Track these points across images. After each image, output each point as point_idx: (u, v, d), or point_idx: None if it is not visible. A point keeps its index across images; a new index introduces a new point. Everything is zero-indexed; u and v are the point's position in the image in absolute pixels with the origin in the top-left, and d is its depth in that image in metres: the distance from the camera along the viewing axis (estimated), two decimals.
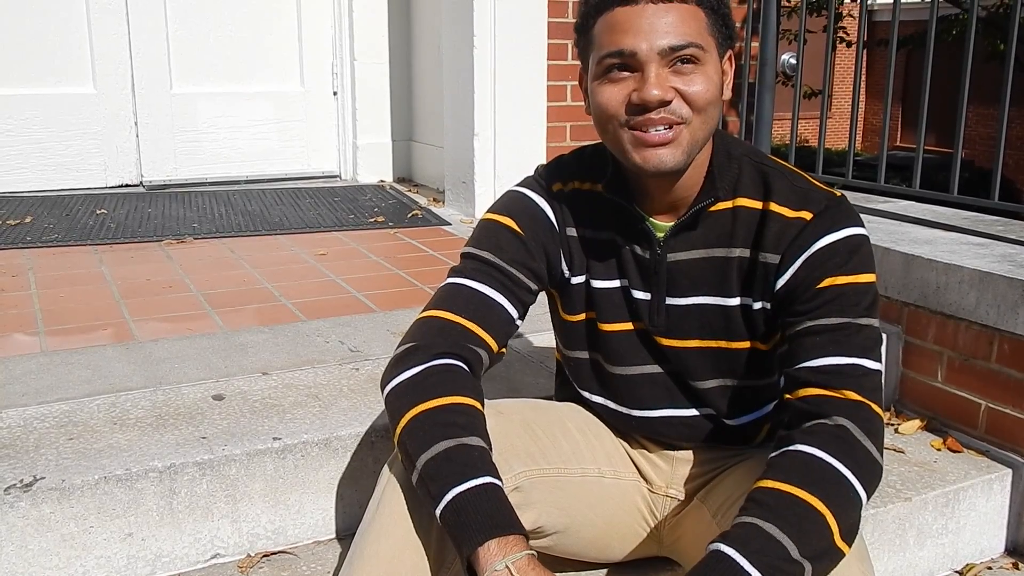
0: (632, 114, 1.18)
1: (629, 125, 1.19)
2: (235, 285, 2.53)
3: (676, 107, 1.17)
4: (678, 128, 1.18)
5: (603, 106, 1.21)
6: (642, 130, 1.18)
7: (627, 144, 1.21)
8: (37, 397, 1.70)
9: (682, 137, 1.19)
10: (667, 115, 1.17)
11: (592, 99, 1.24)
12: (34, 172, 3.78)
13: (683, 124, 1.18)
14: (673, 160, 1.20)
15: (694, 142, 1.21)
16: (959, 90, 2.38)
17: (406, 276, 2.67)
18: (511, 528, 1.09)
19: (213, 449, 1.52)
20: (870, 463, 1.15)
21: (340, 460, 1.61)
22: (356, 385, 1.80)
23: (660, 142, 1.18)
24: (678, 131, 1.18)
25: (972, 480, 1.82)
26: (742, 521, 1.08)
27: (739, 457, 1.38)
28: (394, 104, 4.31)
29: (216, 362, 1.90)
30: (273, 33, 4.16)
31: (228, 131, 4.12)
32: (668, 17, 1.16)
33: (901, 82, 15.80)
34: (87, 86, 3.84)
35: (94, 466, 1.44)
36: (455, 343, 1.26)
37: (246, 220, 3.36)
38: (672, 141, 1.19)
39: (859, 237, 1.24)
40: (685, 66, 1.17)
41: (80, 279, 2.55)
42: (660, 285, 1.32)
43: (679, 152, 1.20)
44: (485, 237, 1.35)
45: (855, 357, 1.19)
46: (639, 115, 1.18)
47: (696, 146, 1.22)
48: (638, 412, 1.39)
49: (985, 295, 1.90)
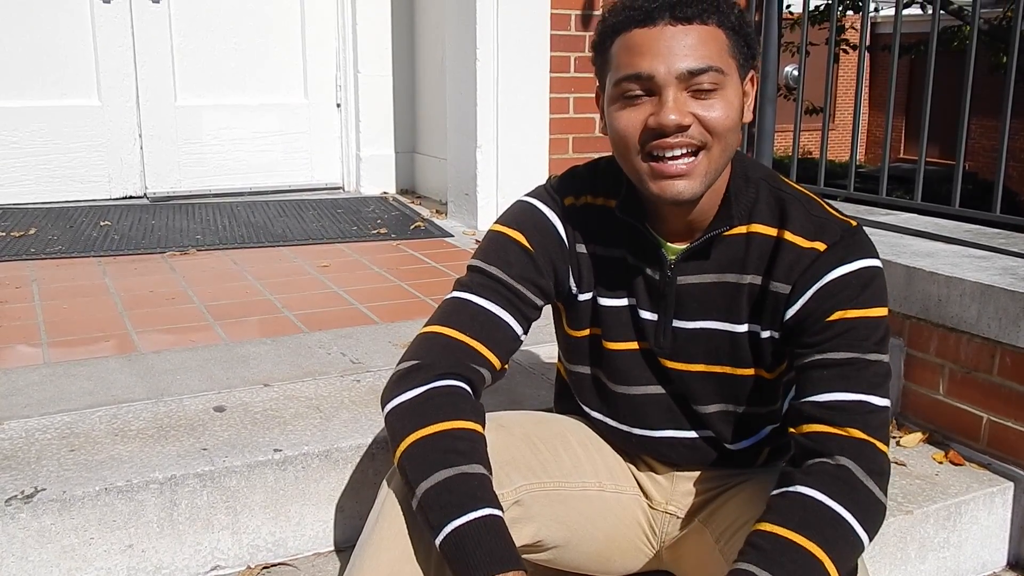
0: (649, 139, 1.16)
1: (646, 151, 1.17)
2: (238, 297, 2.53)
3: (694, 132, 1.15)
4: (696, 158, 1.16)
5: (620, 132, 1.19)
6: (660, 159, 1.16)
7: (644, 174, 1.19)
8: (39, 408, 1.71)
9: (699, 167, 1.17)
10: (685, 139, 1.15)
11: (609, 122, 1.22)
12: (39, 184, 3.80)
13: (702, 150, 1.16)
14: (691, 191, 1.18)
15: (712, 170, 1.19)
16: (961, 102, 2.38)
17: (408, 288, 2.67)
18: (511, 564, 1.09)
19: (214, 461, 1.52)
20: (872, 504, 1.14)
21: (341, 472, 1.61)
22: (357, 397, 1.81)
23: (677, 174, 1.16)
24: (696, 161, 1.16)
25: (974, 493, 1.82)
26: (740, 568, 1.08)
27: (740, 477, 1.37)
28: (397, 116, 4.32)
29: (218, 373, 1.91)
30: (277, 45, 4.19)
31: (232, 143, 4.14)
32: (687, 39, 1.14)
33: (904, 94, 15.81)
34: (92, 98, 3.86)
35: (95, 477, 1.45)
36: (458, 362, 1.25)
37: (249, 232, 3.37)
38: (689, 173, 1.17)
39: (872, 270, 1.22)
40: (704, 90, 1.15)
41: (83, 291, 2.56)
42: (668, 307, 1.31)
43: (696, 183, 1.18)
44: (493, 251, 1.33)
45: (862, 393, 1.18)
46: (656, 140, 1.16)
47: (714, 174, 1.20)
48: (638, 431, 1.38)
49: (987, 308, 1.90)
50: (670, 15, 1.14)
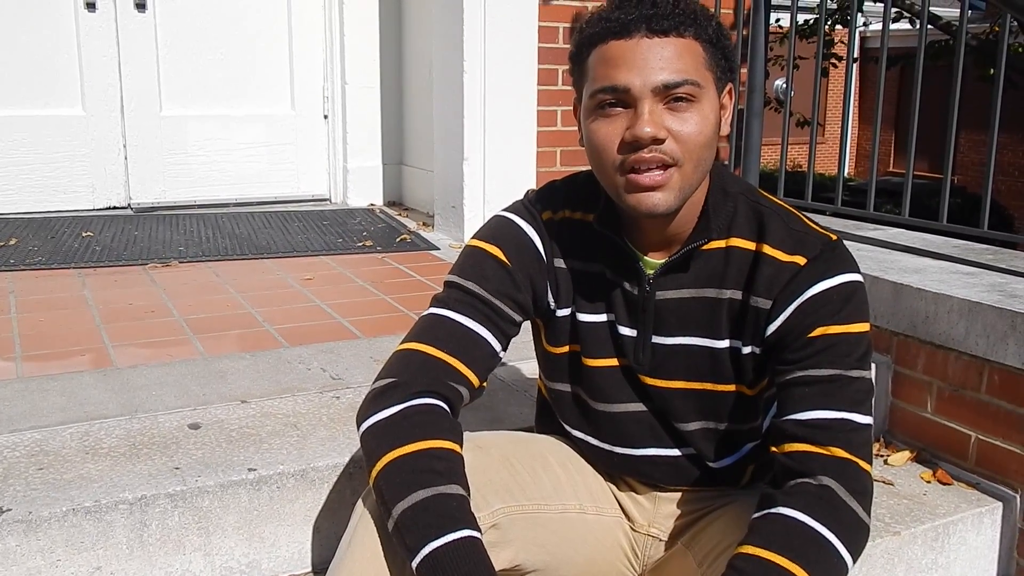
0: (625, 152, 1.15)
1: (622, 164, 1.16)
2: (218, 310, 2.50)
3: (668, 147, 1.14)
4: (670, 171, 1.15)
5: (596, 144, 1.18)
6: (635, 171, 1.15)
7: (620, 187, 1.18)
8: (9, 425, 1.67)
9: (673, 181, 1.16)
10: (659, 154, 1.14)
11: (585, 134, 1.21)
12: (20, 194, 3.76)
13: (675, 166, 1.15)
14: (665, 204, 1.17)
15: (686, 185, 1.18)
16: (949, 116, 2.37)
17: (392, 302, 2.64)
18: None
19: (186, 480, 1.48)
20: (855, 525, 1.12)
21: (317, 492, 1.57)
22: (336, 414, 1.77)
23: (652, 185, 1.15)
24: (669, 174, 1.15)
25: (962, 513, 1.80)
26: None
27: (724, 499, 1.35)
28: (385, 128, 4.30)
29: (194, 389, 1.87)
30: (264, 56, 4.16)
31: (217, 153, 4.10)
32: (664, 52, 1.13)
33: (893, 108, 15.88)
34: (76, 108, 3.82)
35: (63, 497, 1.41)
36: (435, 380, 1.22)
37: (233, 243, 3.34)
38: (664, 185, 1.15)
39: (853, 284, 1.21)
40: (680, 103, 1.14)
41: (62, 303, 2.52)
42: (647, 323, 1.29)
43: (671, 196, 1.17)
44: (470, 266, 1.31)
45: (844, 411, 1.16)
46: (632, 153, 1.15)
47: (689, 188, 1.19)
48: (620, 449, 1.35)
49: (974, 325, 1.88)
50: (646, 27, 1.13)
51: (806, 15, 9.21)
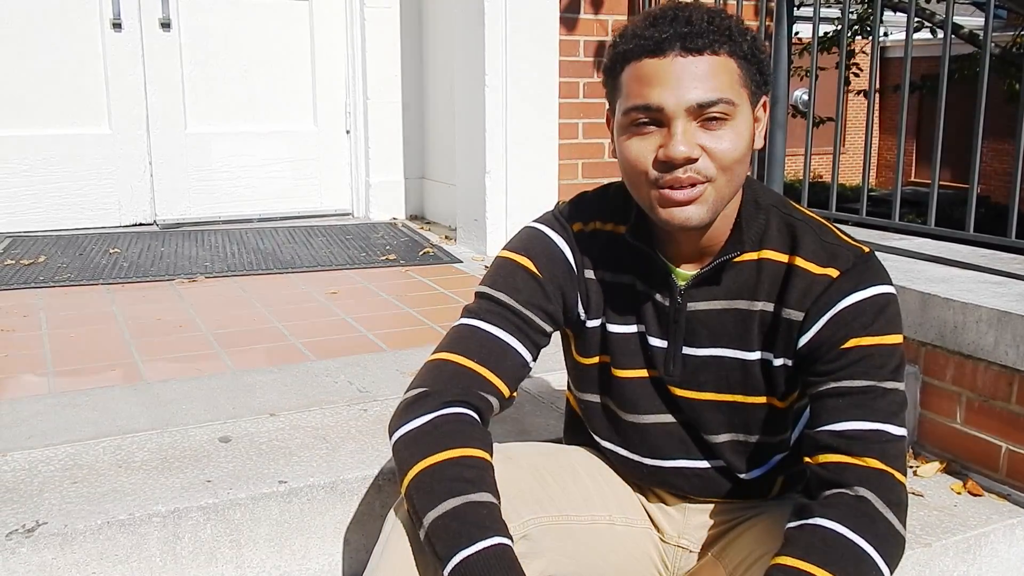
0: (659, 171, 1.15)
1: (655, 182, 1.16)
2: (245, 324, 2.52)
3: (702, 164, 1.14)
4: (703, 186, 1.15)
5: (629, 160, 1.18)
6: (668, 187, 1.15)
7: (654, 201, 1.18)
8: (43, 439, 1.69)
9: (707, 195, 1.16)
10: (693, 174, 1.14)
11: (619, 150, 1.21)
12: (48, 212, 3.81)
13: (708, 183, 1.15)
14: (699, 218, 1.17)
15: (719, 199, 1.18)
16: (974, 125, 2.36)
17: (417, 315, 2.65)
18: None
19: (218, 493, 1.49)
20: (892, 536, 1.11)
21: (347, 504, 1.58)
22: (364, 427, 1.78)
23: (685, 200, 1.15)
24: (702, 188, 1.15)
25: (994, 525, 1.78)
26: None
27: (754, 511, 1.34)
28: (407, 142, 4.32)
29: (224, 403, 1.89)
30: (287, 73, 4.20)
31: (242, 170, 4.15)
32: (697, 70, 1.12)
33: (915, 117, 15.80)
34: (103, 126, 3.87)
35: (97, 511, 1.43)
36: (466, 390, 1.23)
37: (258, 258, 3.37)
38: (697, 199, 1.16)
39: (886, 296, 1.20)
40: (713, 122, 1.13)
41: (91, 319, 2.55)
42: (678, 334, 1.29)
43: (704, 210, 1.17)
44: (501, 277, 1.32)
45: (879, 422, 1.15)
46: (666, 173, 1.15)
47: (722, 202, 1.19)
48: (650, 461, 1.35)
49: (1004, 335, 1.86)
50: (680, 45, 1.13)
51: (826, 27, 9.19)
